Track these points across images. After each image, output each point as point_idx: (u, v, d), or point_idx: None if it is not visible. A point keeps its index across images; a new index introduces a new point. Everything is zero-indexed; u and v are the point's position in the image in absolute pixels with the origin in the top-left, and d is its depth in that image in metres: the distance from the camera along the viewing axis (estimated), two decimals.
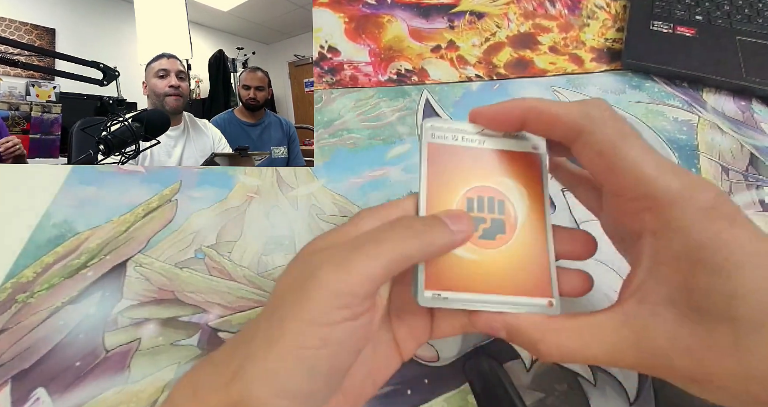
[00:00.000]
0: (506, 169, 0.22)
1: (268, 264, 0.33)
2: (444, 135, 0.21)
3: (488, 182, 0.21)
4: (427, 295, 0.20)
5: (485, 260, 0.20)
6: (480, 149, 0.22)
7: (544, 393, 0.29)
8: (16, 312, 0.30)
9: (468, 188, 0.21)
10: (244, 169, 0.38)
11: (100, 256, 0.33)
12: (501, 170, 0.22)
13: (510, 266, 0.21)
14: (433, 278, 0.20)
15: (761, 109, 0.45)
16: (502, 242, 0.21)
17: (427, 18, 0.50)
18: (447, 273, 0.20)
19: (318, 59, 0.46)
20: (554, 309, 0.20)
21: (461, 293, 0.20)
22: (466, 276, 0.20)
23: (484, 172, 0.21)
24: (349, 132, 0.41)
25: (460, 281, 0.20)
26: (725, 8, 0.50)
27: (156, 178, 0.37)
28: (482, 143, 0.22)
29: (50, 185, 0.36)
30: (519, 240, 0.21)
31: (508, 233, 0.21)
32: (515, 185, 0.22)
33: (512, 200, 0.22)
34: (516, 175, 0.22)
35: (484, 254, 0.21)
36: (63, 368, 0.29)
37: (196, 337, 0.30)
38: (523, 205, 0.22)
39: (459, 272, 0.20)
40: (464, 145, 0.22)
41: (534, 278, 0.21)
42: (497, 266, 0.21)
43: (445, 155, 0.21)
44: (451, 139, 0.21)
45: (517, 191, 0.22)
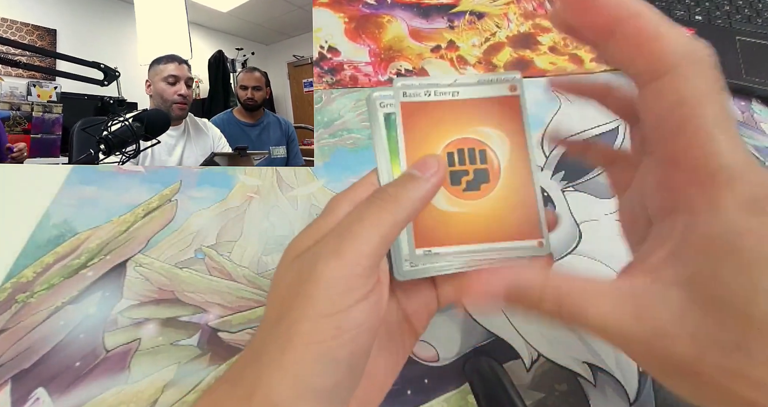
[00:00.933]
0: (483, 117, 0.21)
1: (268, 264, 0.33)
2: (416, 92, 0.21)
3: (466, 133, 0.21)
4: (418, 253, 0.19)
5: (472, 211, 0.20)
6: (454, 101, 0.21)
7: (544, 393, 0.29)
8: (16, 312, 0.30)
9: (447, 142, 0.21)
10: (244, 169, 0.38)
11: (100, 256, 0.33)
12: (478, 119, 0.21)
13: (497, 212, 0.20)
14: (421, 236, 0.20)
15: (761, 109, 0.45)
16: (487, 191, 0.21)
17: (427, 18, 0.50)
18: (435, 230, 0.20)
19: (318, 59, 0.46)
20: (544, 249, 0.20)
21: (452, 247, 0.20)
22: (455, 230, 0.20)
23: (461, 123, 0.21)
24: (349, 132, 0.41)
25: (448, 235, 0.20)
26: (725, 8, 0.50)
27: (156, 178, 0.37)
28: (455, 94, 0.21)
29: (50, 185, 0.36)
30: (504, 186, 0.21)
31: (492, 181, 0.21)
32: (494, 131, 0.21)
33: (493, 147, 0.21)
34: (494, 121, 0.21)
35: (470, 205, 0.20)
36: (63, 368, 0.29)
37: (196, 337, 0.30)
38: (505, 150, 0.21)
39: (447, 228, 0.20)
40: (437, 99, 0.21)
41: (521, 221, 0.21)
42: (485, 215, 0.20)
43: (419, 113, 0.21)
44: (424, 95, 0.21)
45: (497, 138, 0.21)
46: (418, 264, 0.19)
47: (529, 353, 0.30)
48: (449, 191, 0.20)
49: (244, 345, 0.30)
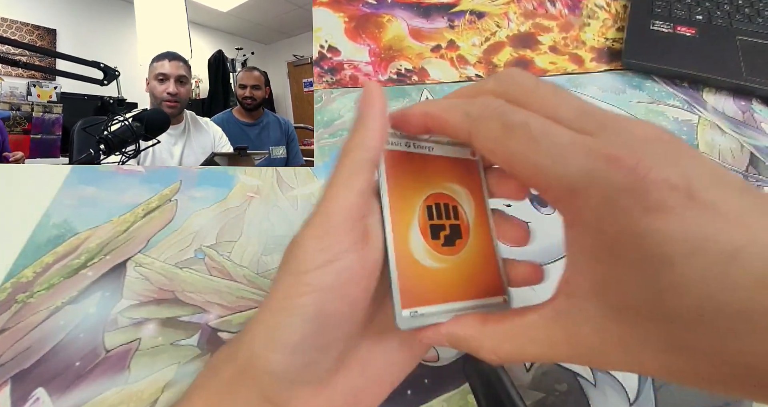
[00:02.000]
0: (452, 175, 0.22)
1: (268, 264, 0.33)
2: (398, 142, 0.21)
3: (441, 189, 0.21)
4: (405, 315, 0.19)
5: (449, 268, 0.21)
6: (429, 156, 0.22)
7: (544, 393, 0.29)
8: (16, 312, 0.30)
9: (425, 195, 0.21)
10: (244, 169, 0.38)
11: (100, 256, 0.33)
12: (449, 177, 0.22)
13: (468, 270, 0.21)
14: (407, 296, 0.19)
15: (761, 109, 0.45)
16: (461, 247, 0.21)
17: (427, 17, 0.50)
18: (419, 288, 0.19)
19: (318, 59, 0.46)
20: (507, 305, 0.21)
21: (433, 307, 0.20)
22: (435, 287, 0.20)
23: (437, 178, 0.21)
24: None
25: (430, 293, 0.20)
26: (725, 8, 0.50)
27: (156, 178, 0.37)
28: (431, 149, 0.22)
29: (50, 185, 0.36)
30: (472, 244, 0.22)
31: (464, 237, 0.21)
32: (462, 190, 0.22)
33: (462, 204, 0.22)
34: (460, 180, 0.22)
35: (448, 261, 0.21)
36: (63, 368, 0.29)
37: (196, 337, 0.30)
38: (470, 208, 0.22)
39: (429, 284, 0.20)
40: (417, 152, 0.21)
41: (487, 279, 0.21)
42: (459, 273, 0.21)
43: (401, 163, 0.21)
44: (404, 145, 0.21)
45: (465, 196, 0.22)
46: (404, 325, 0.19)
47: None
48: (431, 246, 0.20)
49: None
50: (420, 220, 0.20)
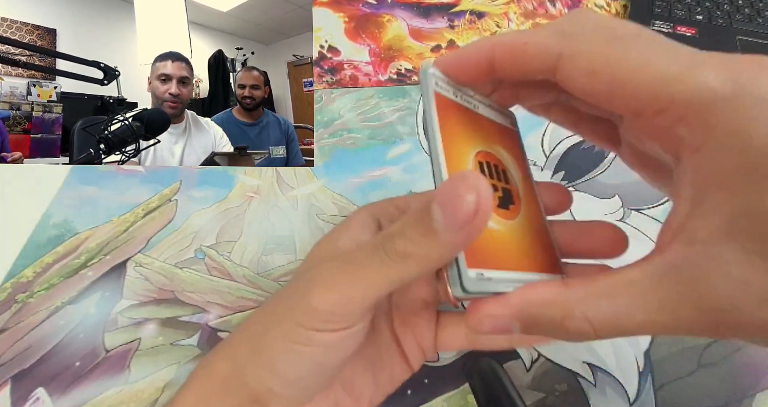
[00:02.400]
0: (497, 138, 0.20)
1: (268, 264, 0.33)
2: (447, 88, 0.18)
3: (489, 148, 0.19)
4: (471, 275, 0.15)
5: (508, 233, 0.18)
6: (475, 113, 0.19)
7: (544, 393, 0.29)
8: (16, 312, 0.30)
9: (477, 150, 0.18)
10: (244, 169, 0.38)
11: (100, 256, 0.33)
12: (494, 139, 0.20)
13: (525, 240, 0.18)
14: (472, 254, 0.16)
15: None
16: (515, 213, 0.18)
17: (427, 17, 0.50)
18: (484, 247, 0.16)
19: (318, 59, 0.46)
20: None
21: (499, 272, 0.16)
22: (499, 251, 0.17)
23: (483, 137, 0.19)
24: (349, 132, 0.41)
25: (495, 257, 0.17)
26: (725, 8, 0.50)
27: (156, 178, 0.37)
28: (475, 107, 0.20)
29: (50, 185, 0.36)
30: (525, 212, 0.19)
31: (516, 204, 0.19)
32: (507, 155, 0.20)
33: (510, 170, 0.20)
34: (505, 145, 0.20)
35: (506, 225, 0.18)
36: (63, 368, 0.29)
37: (196, 337, 0.30)
38: (518, 177, 0.20)
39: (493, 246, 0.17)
40: (463, 104, 0.19)
41: (544, 253, 0.19)
42: (517, 240, 0.18)
43: (450, 111, 0.18)
44: (453, 95, 0.18)
45: (511, 163, 0.20)
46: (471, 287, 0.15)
47: (529, 353, 0.30)
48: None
49: None
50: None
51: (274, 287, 0.32)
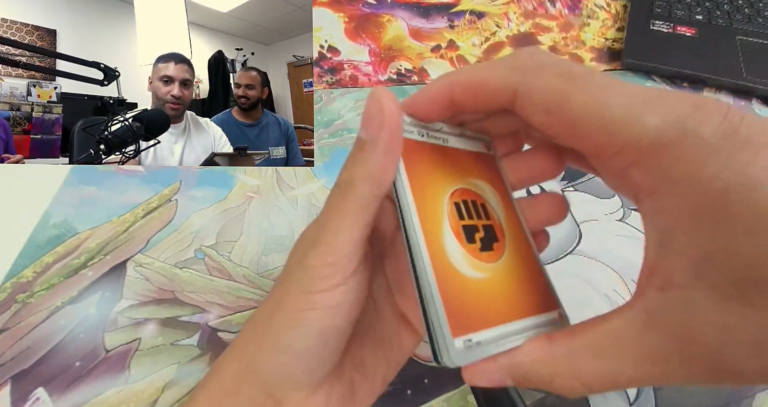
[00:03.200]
0: (472, 169, 0.19)
1: (268, 264, 0.33)
2: (411, 130, 0.17)
3: (464, 184, 0.18)
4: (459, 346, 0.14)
5: (492, 278, 0.16)
6: (445, 148, 0.18)
7: (544, 393, 0.29)
8: (16, 312, 0.30)
9: (450, 191, 0.17)
10: (244, 169, 0.38)
11: (100, 256, 0.33)
12: (469, 171, 0.18)
13: (513, 280, 0.17)
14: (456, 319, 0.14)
15: (761, 109, 0.45)
16: (500, 252, 0.17)
17: (427, 18, 0.50)
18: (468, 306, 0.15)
19: (318, 59, 0.46)
20: (564, 321, 0.17)
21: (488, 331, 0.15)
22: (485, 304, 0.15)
23: (457, 172, 0.18)
24: (349, 132, 0.41)
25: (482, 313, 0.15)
26: (725, 8, 0.50)
27: (156, 178, 0.37)
28: (445, 141, 0.18)
29: (50, 185, 0.36)
30: (510, 246, 0.17)
31: (500, 239, 0.17)
32: (485, 185, 0.18)
33: (490, 202, 0.18)
34: (482, 176, 0.19)
35: (490, 269, 0.16)
36: (63, 368, 0.29)
37: (196, 337, 0.30)
38: (499, 207, 0.18)
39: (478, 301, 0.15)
40: (431, 142, 0.18)
41: (535, 289, 0.17)
42: (504, 284, 0.16)
43: (418, 153, 0.17)
44: (418, 135, 0.17)
45: (490, 193, 0.19)
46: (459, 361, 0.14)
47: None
48: (468, 251, 0.16)
49: None
50: (451, 220, 0.16)
51: None
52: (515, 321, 0.16)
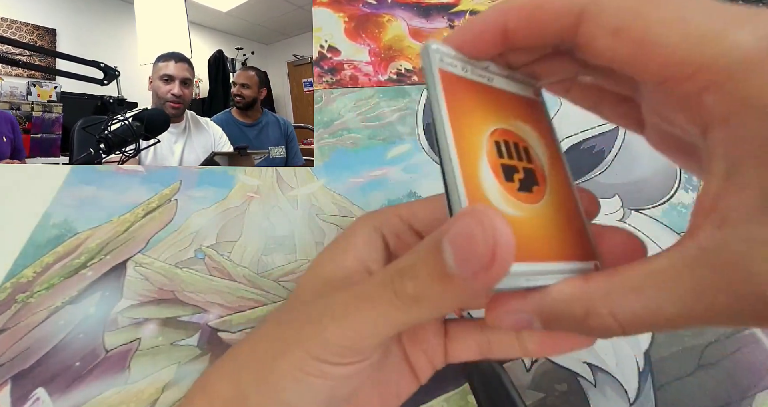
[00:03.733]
0: (518, 112, 0.18)
1: (268, 264, 0.33)
2: (453, 63, 0.17)
3: (507, 125, 0.17)
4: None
5: (532, 218, 0.16)
6: (489, 87, 0.18)
7: (544, 393, 0.29)
8: (16, 312, 0.30)
9: (492, 129, 0.17)
10: (244, 169, 0.38)
11: (100, 256, 0.33)
12: (514, 113, 0.18)
13: (552, 225, 0.16)
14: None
15: None
16: (539, 195, 0.17)
17: (427, 18, 0.50)
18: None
19: (318, 59, 0.46)
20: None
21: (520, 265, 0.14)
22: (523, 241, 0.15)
23: (501, 113, 0.17)
24: (349, 132, 0.41)
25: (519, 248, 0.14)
26: None
27: (156, 178, 0.37)
28: (490, 80, 0.18)
29: (50, 185, 0.36)
30: (551, 194, 0.17)
31: (541, 184, 0.17)
32: (530, 130, 0.18)
33: (534, 146, 0.18)
34: (527, 120, 0.18)
35: (529, 210, 0.16)
36: (63, 368, 0.29)
37: (196, 337, 0.30)
38: (543, 153, 0.18)
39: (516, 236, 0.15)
40: (474, 79, 0.17)
41: (574, 238, 0.17)
42: (542, 226, 0.16)
43: (459, 87, 0.16)
44: (461, 69, 0.17)
45: (535, 138, 0.18)
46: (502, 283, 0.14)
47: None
48: (506, 189, 0.16)
49: None
50: (489, 157, 0.16)
51: (274, 287, 0.32)
52: (549, 262, 0.15)
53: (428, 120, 0.42)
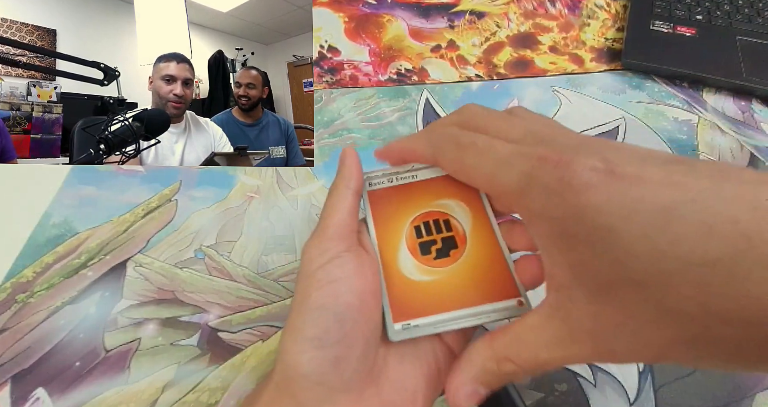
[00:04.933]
0: (442, 192, 0.23)
1: (268, 264, 0.33)
2: (380, 181, 0.24)
3: (429, 208, 0.23)
4: (396, 328, 0.20)
5: (445, 278, 0.21)
6: (414, 183, 0.24)
7: (544, 393, 0.29)
8: (16, 312, 0.30)
9: (412, 218, 0.23)
10: (244, 169, 0.38)
11: (100, 256, 0.33)
12: (438, 194, 0.23)
13: (471, 276, 0.21)
14: (398, 310, 0.20)
15: (761, 109, 0.45)
16: (457, 256, 0.22)
17: (427, 17, 0.50)
18: (411, 301, 0.21)
19: (318, 59, 0.46)
20: (525, 307, 0.20)
21: (430, 317, 0.20)
22: (431, 299, 0.21)
23: (423, 200, 0.23)
24: (349, 132, 0.41)
25: (426, 305, 0.20)
26: (725, 8, 0.50)
27: (156, 178, 0.37)
28: (414, 177, 0.24)
29: (50, 185, 0.36)
30: (472, 250, 0.22)
31: (461, 246, 0.22)
32: (454, 202, 0.23)
33: (455, 216, 0.23)
34: (452, 194, 0.23)
35: (443, 272, 0.21)
36: (63, 368, 0.29)
37: (196, 337, 0.30)
38: (467, 217, 0.23)
39: (423, 298, 0.21)
40: (400, 183, 0.24)
41: (496, 281, 0.21)
42: (459, 280, 0.21)
43: (384, 198, 0.23)
44: (387, 182, 0.24)
45: (458, 207, 0.23)
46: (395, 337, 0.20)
47: None
48: (420, 261, 0.21)
49: (244, 345, 0.30)
50: (408, 241, 0.22)
51: (274, 287, 0.32)
52: (464, 308, 0.20)
53: (428, 120, 0.42)
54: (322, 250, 0.20)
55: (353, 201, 0.22)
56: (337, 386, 0.18)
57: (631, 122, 0.42)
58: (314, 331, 0.18)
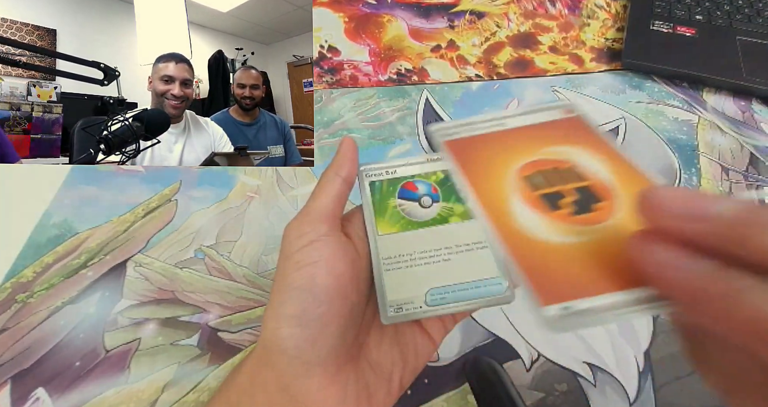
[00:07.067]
0: (549, 138, 0.18)
1: (268, 264, 0.33)
2: (457, 131, 0.18)
3: (535, 156, 0.17)
4: (550, 313, 0.13)
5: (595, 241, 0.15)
6: (504, 132, 0.18)
7: (544, 393, 0.29)
8: (16, 312, 0.30)
9: (517, 167, 0.17)
10: (243, 169, 0.38)
11: (100, 256, 0.33)
12: (544, 141, 0.18)
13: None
14: (542, 285, 0.13)
15: (761, 109, 0.45)
16: (607, 212, 0.15)
17: (427, 18, 0.50)
18: (560, 275, 0.14)
19: (318, 59, 0.46)
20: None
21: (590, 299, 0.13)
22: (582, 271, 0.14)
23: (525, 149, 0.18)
24: (349, 132, 0.41)
25: (580, 280, 0.14)
26: (725, 8, 0.50)
27: (156, 178, 0.37)
28: (502, 125, 0.19)
29: (50, 185, 0.36)
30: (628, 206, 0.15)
31: (606, 199, 0.16)
32: (572, 148, 0.17)
33: (581, 163, 0.17)
34: (564, 140, 0.18)
35: (590, 232, 0.15)
36: (63, 368, 0.29)
37: (196, 337, 0.30)
38: (601, 165, 0.17)
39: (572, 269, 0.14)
40: (485, 132, 0.18)
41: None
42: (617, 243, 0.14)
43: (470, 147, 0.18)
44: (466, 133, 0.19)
45: (582, 153, 0.17)
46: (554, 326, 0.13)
47: (529, 353, 0.30)
48: (554, 218, 0.15)
49: (244, 345, 0.30)
50: (524, 194, 0.16)
51: None
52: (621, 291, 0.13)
53: (428, 120, 0.42)
54: (301, 232, 0.20)
55: (341, 188, 0.22)
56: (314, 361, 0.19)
57: (631, 122, 0.42)
58: (292, 310, 0.19)
